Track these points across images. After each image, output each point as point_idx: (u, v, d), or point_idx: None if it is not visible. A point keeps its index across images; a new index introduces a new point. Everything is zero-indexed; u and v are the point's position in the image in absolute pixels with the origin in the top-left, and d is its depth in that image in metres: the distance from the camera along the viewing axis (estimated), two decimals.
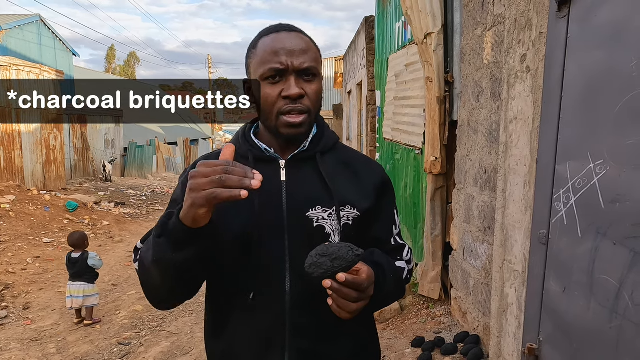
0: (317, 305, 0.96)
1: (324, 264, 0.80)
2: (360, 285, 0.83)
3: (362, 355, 1.09)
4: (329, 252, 0.80)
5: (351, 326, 1.02)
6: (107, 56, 55.77)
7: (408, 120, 4.57)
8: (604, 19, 1.23)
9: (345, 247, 0.81)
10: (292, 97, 0.94)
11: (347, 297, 0.83)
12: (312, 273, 0.81)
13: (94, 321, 4.20)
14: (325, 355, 1.01)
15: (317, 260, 0.80)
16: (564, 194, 1.38)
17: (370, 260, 0.95)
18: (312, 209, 0.98)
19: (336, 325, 0.99)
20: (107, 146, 17.06)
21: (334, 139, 1.08)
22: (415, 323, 3.45)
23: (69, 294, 4.14)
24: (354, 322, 1.02)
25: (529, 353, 1.53)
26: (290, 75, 0.94)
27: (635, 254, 1.13)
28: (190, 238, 0.82)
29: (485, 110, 2.77)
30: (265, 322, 0.98)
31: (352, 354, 1.05)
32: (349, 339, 1.04)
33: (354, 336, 1.05)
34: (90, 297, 4.15)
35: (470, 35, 3.02)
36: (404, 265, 1.07)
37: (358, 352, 1.07)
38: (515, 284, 1.82)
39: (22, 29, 15.21)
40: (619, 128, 1.17)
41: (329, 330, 1.01)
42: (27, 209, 7.87)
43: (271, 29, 0.99)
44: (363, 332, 1.10)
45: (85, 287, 4.13)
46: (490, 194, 2.73)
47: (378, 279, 0.91)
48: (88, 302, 4.15)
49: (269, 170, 1.00)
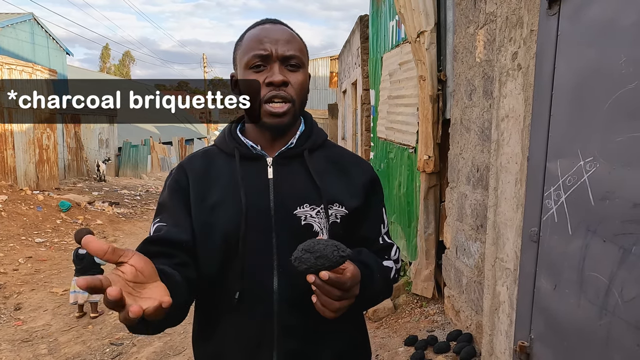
0: (305, 304, 0.95)
1: (307, 260, 0.78)
2: (343, 284, 0.82)
3: (352, 355, 1.08)
4: (315, 249, 0.79)
5: (341, 325, 1.01)
6: (102, 55, 55.51)
7: (402, 119, 4.58)
8: (594, 16, 1.23)
9: (331, 247, 0.79)
10: (276, 83, 0.94)
11: (329, 295, 0.82)
12: (297, 267, 0.80)
13: (99, 313, 4.35)
14: (315, 355, 1.00)
15: (301, 255, 0.79)
16: (554, 192, 1.38)
17: (357, 259, 0.93)
18: (300, 207, 0.97)
19: (325, 324, 0.97)
20: (101, 146, 16.97)
21: (322, 136, 1.08)
22: (409, 322, 3.45)
23: (73, 289, 4.25)
24: (344, 321, 1.01)
25: (520, 351, 1.53)
26: (274, 62, 0.95)
27: (625, 251, 1.13)
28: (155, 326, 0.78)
29: (478, 108, 2.78)
30: (253, 322, 0.97)
31: (342, 353, 1.04)
32: (339, 338, 1.03)
33: (344, 335, 1.04)
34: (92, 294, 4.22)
35: (462, 33, 3.02)
36: (392, 265, 1.06)
37: (348, 352, 1.06)
38: (507, 282, 1.82)
39: (15, 28, 15.10)
40: (609, 125, 1.17)
41: (318, 329, 0.99)
42: (20, 209, 7.81)
43: (257, 22, 1.01)
44: (353, 332, 1.08)
45: None
46: (482, 192, 2.73)
47: (364, 278, 0.90)
48: (92, 298, 4.28)
49: (255, 168, 1.00)
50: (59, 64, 16.96)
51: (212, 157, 1.04)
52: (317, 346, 1.00)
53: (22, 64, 10.54)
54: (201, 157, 1.05)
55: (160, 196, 1.03)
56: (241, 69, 0.98)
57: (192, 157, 1.07)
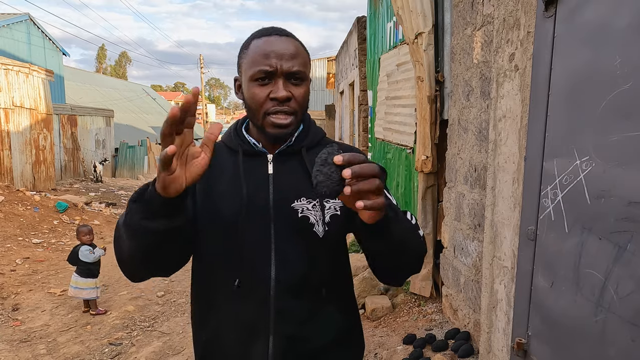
0: (301, 291, 1.02)
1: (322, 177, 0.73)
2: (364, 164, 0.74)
3: (346, 341, 1.12)
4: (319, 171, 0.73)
5: (335, 313, 1.08)
6: (98, 56, 55.33)
7: (399, 120, 4.60)
8: (589, 18, 1.26)
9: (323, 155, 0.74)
10: (280, 99, 0.97)
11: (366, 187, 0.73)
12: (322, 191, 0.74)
13: (97, 312, 4.39)
14: (309, 340, 1.04)
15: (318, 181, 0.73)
16: (551, 191, 1.41)
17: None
18: (297, 200, 1.02)
19: (320, 311, 1.05)
20: (98, 146, 16.93)
21: (319, 134, 1.13)
22: (407, 320, 3.47)
23: (75, 285, 4.39)
24: (337, 309, 1.08)
25: (517, 348, 1.55)
26: (279, 77, 0.97)
27: (620, 248, 1.15)
28: (161, 206, 0.83)
29: (475, 109, 2.80)
30: (250, 309, 1.02)
31: (336, 339, 1.09)
32: (333, 324, 1.08)
33: (338, 322, 1.09)
34: (83, 290, 4.35)
35: (460, 34, 3.05)
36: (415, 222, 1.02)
37: (342, 338, 1.10)
38: (504, 280, 1.84)
39: (11, 28, 15.05)
40: (604, 125, 1.19)
41: (313, 316, 1.04)
42: (17, 210, 7.79)
43: (263, 32, 1.02)
44: (347, 319, 1.13)
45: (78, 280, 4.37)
46: (480, 191, 2.76)
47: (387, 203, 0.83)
48: (88, 295, 4.37)
49: (257, 163, 1.05)
50: (55, 64, 16.92)
51: (218, 152, 1.08)
52: (312, 332, 1.04)
53: (19, 64, 10.50)
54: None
55: None
56: (246, 80, 1.00)
57: None
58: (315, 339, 1.05)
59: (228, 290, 1.02)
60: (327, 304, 1.06)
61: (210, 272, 1.05)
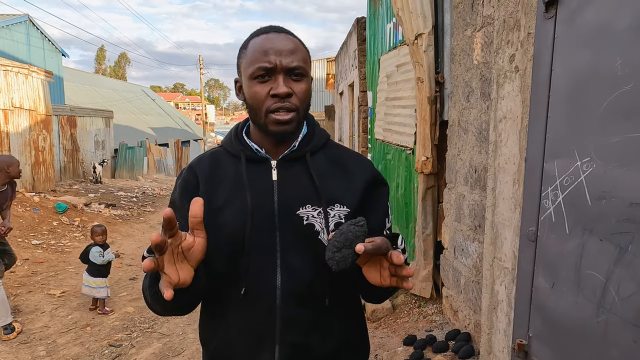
0: (307, 300, 1.00)
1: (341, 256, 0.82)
2: (381, 246, 0.84)
3: (352, 350, 1.11)
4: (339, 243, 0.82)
5: (341, 321, 1.06)
6: (97, 57, 55.32)
7: (399, 121, 4.60)
8: (589, 19, 1.26)
9: (346, 228, 0.83)
10: (280, 95, 0.96)
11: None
12: (337, 268, 0.83)
13: (104, 312, 4.45)
14: (315, 349, 1.03)
15: (332, 257, 0.83)
16: (552, 192, 1.41)
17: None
18: (302, 208, 1.00)
19: (326, 319, 1.03)
20: (97, 147, 16.91)
21: (324, 137, 1.11)
22: (407, 322, 3.47)
23: (87, 283, 4.49)
24: (343, 317, 1.07)
25: (518, 349, 1.55)
26: (279, 74, 0.96)
27: (621, 249, 1.15)
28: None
29: (475, 110, 2.80)
30: (256, 317, 1.01)
31: (342, 348, 1.07)
32: (339, 333, 1.06)
33: (344, 330, 1.08)
34: (94, 289, 4.46)
35: (460, 36, 3.05)
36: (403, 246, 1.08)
37: (347, 347, 1.09)
38: (505, 281, 1.84)
39: (10, 29, 15.04)
40: (605, 126, 1.20)
41: (319, 324, 1.03)
42: (16, 211, 7.76)
43: (261, 30, 1.02)
44: (353, 327, 1.12)
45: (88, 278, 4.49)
46: (480, 192, 2.76)
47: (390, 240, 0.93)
48: (98, 294, 4.46)
49: (260, 170, 1.03)
50: (55, 65, 16.90)
51: (219, 158, 1.07)
52: (317, 339, 1.03)
53: (18, 65, 10.49)
54: (209, 158, 1.09)
55: (172, 195, 1.09)
56: (246, 79, 1.00)
57: (200, 158, 1.11)
58: (321, 348, 1.04)
59: (234, 299, 1.01)
60: (332, 312, 1.04)
61: (217, 282, 1.03)
